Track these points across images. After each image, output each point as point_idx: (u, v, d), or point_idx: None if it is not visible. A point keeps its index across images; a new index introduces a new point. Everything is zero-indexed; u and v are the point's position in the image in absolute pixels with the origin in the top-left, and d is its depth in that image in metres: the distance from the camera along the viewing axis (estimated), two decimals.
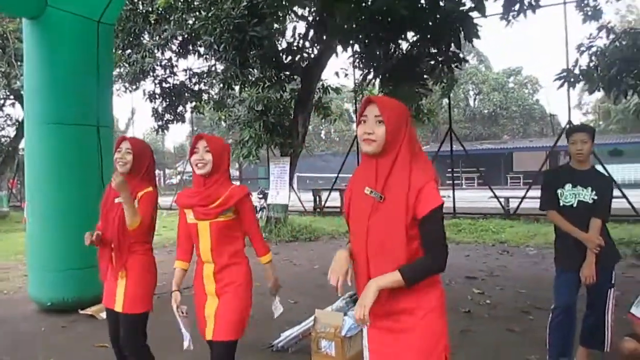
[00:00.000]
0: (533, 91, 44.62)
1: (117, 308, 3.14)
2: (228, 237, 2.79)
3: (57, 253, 5.85)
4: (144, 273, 3.19)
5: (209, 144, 2.77)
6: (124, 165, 3.14)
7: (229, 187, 2.80)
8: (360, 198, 2.07)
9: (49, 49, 5.87)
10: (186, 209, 2.86)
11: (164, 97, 13.75)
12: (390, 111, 2.02)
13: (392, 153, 2.01)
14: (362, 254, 2.05)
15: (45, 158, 5.90)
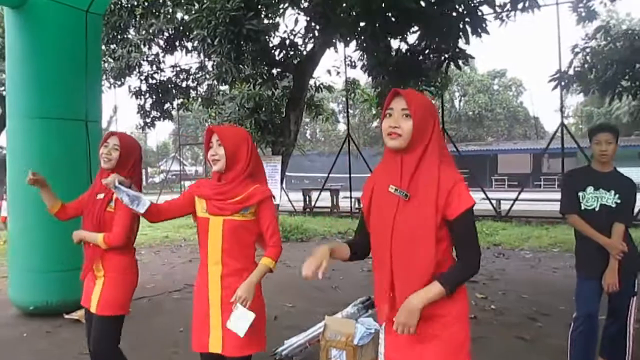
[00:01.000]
0: (517, 93, 44.90)
1: (92, 309, 2.98)
2: (241, 238, 2.52)
3: (40, 254, 5.54)
4: (122, 274, 3.02)
5: (220, 138, 2.52)
6: (108, 161, 2.98)
7: (251, 185, 2.53)
8: (383, 196, 1.94)
9: (34, 39, 5.54)
10: (199, 197, 2.58)
11: (150, 94, 13.37)
12: (418, 104, 1.89)
13: (419, 149, 1.88)
14: (384, 254, 1.91)
15: (28, 154, 5.57)
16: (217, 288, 2.51)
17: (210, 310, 2.53)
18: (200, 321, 2.57)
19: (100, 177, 3.01)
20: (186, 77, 13.65)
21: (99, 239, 2.91)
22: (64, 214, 3.18)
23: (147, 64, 12.87)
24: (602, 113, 36.52)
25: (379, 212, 1.96)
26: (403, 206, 1.88)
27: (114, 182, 2.50)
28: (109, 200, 2.93)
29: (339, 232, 12.77)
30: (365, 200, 2.05)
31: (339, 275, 7.67)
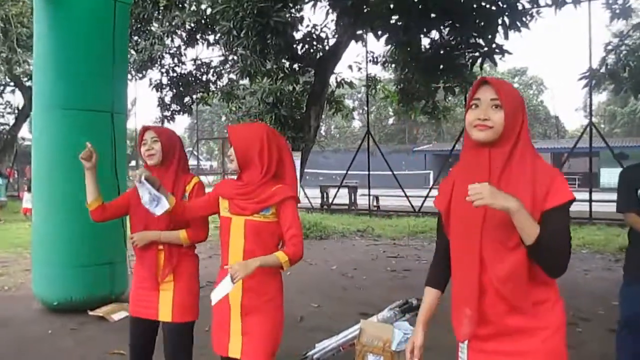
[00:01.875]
0: (538, 92, 44.36)
1: (164, 318, 2.78)
2: (263, 240, 2.38)
3: (65, 248, 5.43)
4: (192, 277, 2.86)
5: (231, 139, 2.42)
6: (153, 156, 2.77)
7: (273, 184, 2.39)
8: (466, 192, 1.71)
9: (62, 28, 5.45)
10: (222, 197, 2.48)
11: (171, 87, 13.31)
12: (509, 94, 1.71)
13: (509, 142, 1.70)
14: (471, 260, 1.73)
15: (54, 146, 5.47)
16: (238, 291, 2.37)
17: (231, 313, 2.43)
18: (221, 324, 2.47)
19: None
20: (207, 70, 13.58)
21: (181, 236, 2.75)
22: (102, 213, 2.90)
23: (169, 57, 12.79)
24: (625, 112, 35.91)
25: (463, 214, 1.78)
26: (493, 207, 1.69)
27: (140, 177, 2.38)
28: (182, 196, 2.76)
29: (358, 230, 12.62)
30: (443, 203, 1.87)
31: (362, 275, 7.52)
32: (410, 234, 11.81)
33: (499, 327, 1.72)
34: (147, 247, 2.81)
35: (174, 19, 11.16)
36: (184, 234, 2.75)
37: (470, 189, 1.61)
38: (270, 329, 2.41)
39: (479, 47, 5.36)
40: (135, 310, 2.89)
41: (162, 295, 2.79)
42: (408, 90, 11.40)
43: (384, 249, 9.78)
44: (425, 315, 1.95)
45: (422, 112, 12.39)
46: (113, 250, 5.74)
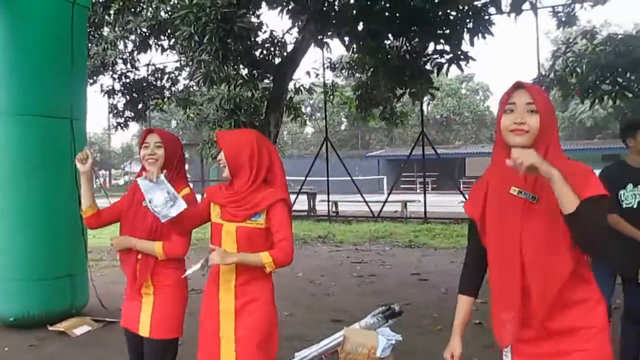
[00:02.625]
0: (485, 98, 45.69)
1: (142, 332, 2.64)
2: (256, 245, 2.32)
3: (20, 261, 5.17)
4: (176, 291, 2.69)
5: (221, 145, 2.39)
6: (155, 162, 2.64)
7: (266, 189, 2.36)
8: (503, 201, 1.75)
9: (16, 30, 5.20)
10: (214, 204, 2.42)
11: (124, 93, 12.93)
12: (543, 99, 1.75)
13: (543, 145, 1.71)
14: (512, 266, 1.72)
15: (8, 153, 5.21)
16: (231, 297, 2.33)
17: (220, 319, 2.35)
18: (210, 334, 2.38)
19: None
20: (161, 76, 13.27)
21: (156, 248, 2.59)
22: (98, 220, 2.76)
23: (121, 62, 12.43)
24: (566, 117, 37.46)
25: (500, 220, 1.77)
26: (530, 210, 1.71)
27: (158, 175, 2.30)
28: None
29: (319, 236, 12.58)
30: (477, 209, 1.84)
31: (329, 281, 7.49)
32: (371, 239, 11.87)
33: (543, 329, 1.72)
34: (128, 254, 2.69)
35: (128, 23, 10.85)
36: (159, 248, 2.60)
37: (514, 152, 1.61)
38: (265, 330, 2.35)
39: (444, 53, 5.45)
40: (122, 321, 2.78)
41: (143, 308, 2.66)
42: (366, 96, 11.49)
43: (347, 254, 9.79)
44: (461, 324, 1.95)
45: (380, 117, 12.51)
46: (73, 262, 5.50)
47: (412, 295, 6.52)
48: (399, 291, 6.79)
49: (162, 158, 2.65)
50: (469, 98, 44.58)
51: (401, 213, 14.98)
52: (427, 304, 6.01)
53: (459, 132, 44.33)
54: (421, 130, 13.82)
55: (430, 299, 6.32)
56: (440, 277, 7.62)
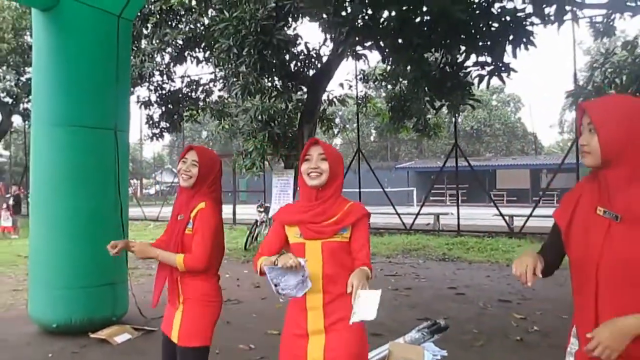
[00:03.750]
0: (516, 109, 45.12)
1: (173, 338, 2.71)
2: (342, 262, 2.28)
3: (65, 269, 5.25)
4: (204, 301, 2.72)
5: (324, 151, 2.32)
6: (188, 179, 2.72)
7: (345, 202, 2.34)
8: (588, 219, 1.72)
9: (64, 44, 5.32)
10: (289, 226, 2.36)
11: (160, 104, 13.16)
12: (604, 117, 1.67)
13: (624, 164, 1.65)
14: (589, 285, 1.69)
15: (54, 164, 5.32)
16: (319, 317, 2.26)
17: (309, 339, 2.28)
18: (296, 356, 2.31)
19: (178, 196, 2.82)
20: (196, 87, 13.48)
21: (177, 260, 2.63)
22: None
23: (158, 74, 12.67)
24: None
25: (583, 236, 1.73)
26: (614, 229, 1.66)
27: (301, 264, 2.13)
28: (187, 222, 2.69)
29: None
30: (564, 218, 1.81)
31: None
32: (404, 252, 11.77)
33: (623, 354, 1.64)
34: (165, 266, 2.75)
35: (165, 36, 11.06)
36: (180, 260, 2.62)
37: (589, 344, 1.60)
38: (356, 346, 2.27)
39: (485, 65, 5.40)
40: (162, 325, 2.84)
41: (176, 316, 2.73)
42: (399, 107, 11.47)
43: (381, 267, 9.71)
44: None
45: (413, 129, 12.47)
46: (115, 270, 5.58)
47: (449, 309, 6.43)
48: (435, 305, 6.70)
49: (194, 177, 2.72)
50: (500, 109, 44.08)
51: (433, 226, 14.83)
52: (466, 319, 5.92)
53: (490, 144, 43.82)
54: (454, 142, 13.68)
55: (469, 314, 6.21)
56: (477, 292, 7.50)
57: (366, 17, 5.16)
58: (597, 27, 9.39)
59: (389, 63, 6.79)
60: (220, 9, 7.15)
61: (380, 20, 5.25)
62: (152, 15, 11.11)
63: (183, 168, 2.73)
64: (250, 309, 6.48)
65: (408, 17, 4.91)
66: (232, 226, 17.28)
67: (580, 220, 1.75)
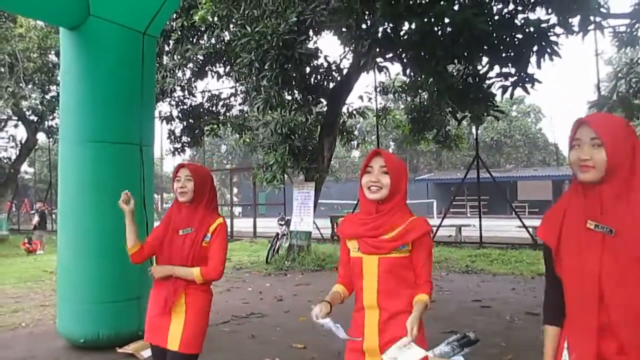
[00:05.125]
0: (536, 120, 44.70)
1: (171, 346, 2.81)
2: (400, 277, 2.21)
3: (93, 284, 5.28)
4: (204, 311, 2.92)
5: (386, 163, 2.25)
6: (185, 194, 2.85)
7: (407, 216, 2.25)
8: (580, 234, 1.71)
9: (91, 61, 5.41)
10: (349, 240, 2.31)
11: (181, 119, 13.32)
12: (610, 132, 1.68)
13: (617, 178, 1.67)
14: (591, 298, 1.68)
15: (81, 180, 5.38)
16: (374, 334, 2.21)
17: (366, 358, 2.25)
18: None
19: (177, 212, 2.92)
20: (216, 102, 13.62)
21: (195, 273, 2.80)
22: (141, 255, 2.95)
23: (179, 89, 12.84)
24: None
25: (577, 254, 1.72)
26: (609, 244, 1.65)
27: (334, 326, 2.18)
28: (204, 235, 2.83)
29: None
30: (552, 237, 1.79)
31: None
32: None
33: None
34: (168, 279, 2.88)
35: (187, 51, 11.22)
36: (198, 272, 2.80)
37: None
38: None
39: (509, 76, 5.38)
40: (148, 337, 2.94)
41: (173, 323, 2.84)
42: (419, 119, 11.45)
43: None
44: (552, 356, 1.84)
45: (434, 140, 12.42)
46: (140, 284, 5.59)
47: (476, 322, 6.34)
48: (461, 318, 6.62)
49: (191, 191, 2.84)
50: (520, 120, 43.71)
51: (455, 237, 14.70)
52: (493, 332, 5.83)
53: (510, 155, 43.42)
54: (476, 153, 13.58)
55: (496, 327, 6.12)
56: (502, 304, 7.40)
57: (387, 30, 5.19)
58: (621, 37, 9.30)
59: (410, 75, 6.80)
60: (242, 24, 7.25)
61: (402, 32, 5.28)
62: (174, 32, 11.30)
63: (179, 186, 2.86)
64: (274, 322, 6.46)
65: (430, 29, 4.91)
66: (252, 239, 17.31)
67: (571, 237, 1.75)
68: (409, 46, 5.02)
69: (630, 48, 9.56)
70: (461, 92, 5.51)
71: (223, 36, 10.59)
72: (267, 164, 11.14)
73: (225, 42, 10.77)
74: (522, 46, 5.09)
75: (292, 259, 11.41)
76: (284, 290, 8.76)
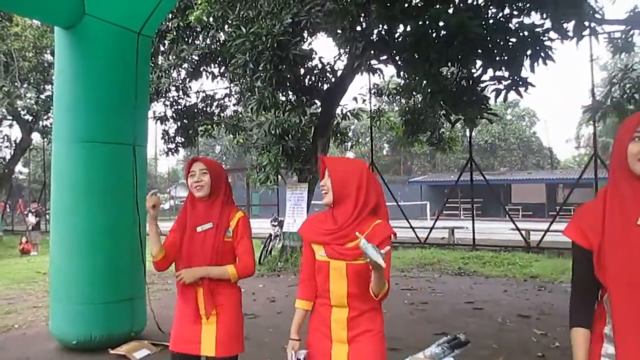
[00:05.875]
0: (531, 124, 44.88)
1: (207, 352, 2.68)
2: (368, 280, 2.21)
3: (86, 285, 5.27)
4: (237, 309, 2.80)
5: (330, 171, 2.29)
6: (202, 188, 2.74)
7: (372, 222, 2.27)
8: (628, 233, 1.64)
9: (86, 61, 5.40)
10: (315, 245, 2.34)
11: (175, 119, 13.30)
12: None
13: None
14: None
15: (74, 180, 5.36)
16: (342, 328, 2.26)
17: (333, 345, 2.29)
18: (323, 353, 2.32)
19: (192, 209, 2.80)
20: (211, 102, 13.61)
21: (230, 272, 2.70)
22: (167, 261, 2.79)
23: (174, 89, 12.82)
24: None
25: (626, 255, 1.64)
26: None
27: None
28: (226, 230, 2.73)
29: None
30: (593, 238, 1.71)
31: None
32: (419, 266, 11.70)
33: None
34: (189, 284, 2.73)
35: (182, 52, 11.21)
36: (233, 270, 2.70)
37: None
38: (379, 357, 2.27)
39: (503, 80, 5.40)
40: (176, 346, 2.78)
41: (204, 329, 2.71)
42: (413, 121, 11.47)
43: (396, 281, 9.64)
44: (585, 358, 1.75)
45: (428, 143, 12.45)
46: (133, 285, 5.61)
47: (467, 324, 6.36)
48: (453, 320, 6.64)
49: (208, 185, 2.74)
50: (515, 124, 43.87)
51: (448, 239, 14.73)
52: (485, 334, 5.85)
53: (504, 158, 43.56)
54: (469, 156, 13.61)
55: (488, 329, 6.15)
56: (494, 307, 7.42)
57: (382, 32, 5.21)
58: (616, 43, 9.34)
59: (404, 77, 6.82)
60: (237, 25, 7.25)
61: (396, 35, 5.30)
62: (169, 32, 11.28)
63: (194, 180, 2.74)
64: (267, 323, 6.46)
65: (424, 31, 4.93)
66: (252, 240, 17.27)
67: (618, 237, 1.66)
68: (403, 48, 5.04)
69: (625, 54, 9.60)
70: (455, 95, 5.54)
71: (218, 37, 10.59)
72: (261, 165, 11.13)
73: (220, 42, 10.77)
74: (515, 50, 5.11)
75: (285, 259, 11.41)
76: (277, 291, 8.76)
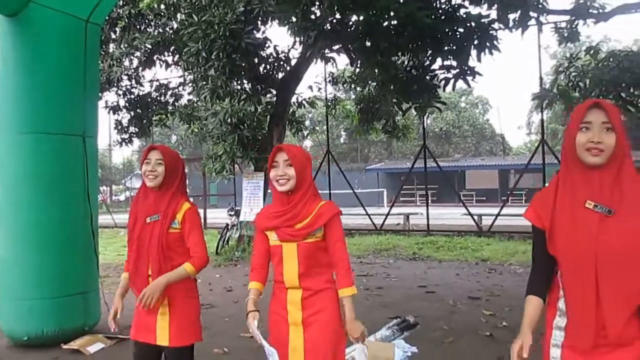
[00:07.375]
0: (484, 111, 45.92)
1: (161, 342, 2.70)
2: (318, 259, 2.42)
3: (35, 279, 5.15)
4: (188, 297, 2.80)
5: (290, 157, 2.40)
6: (154, 178, 2.72)
7: (317, 202, 2.43)
8: (576, 214, 1.79)
9: (31, 49, 5.24)
10: (268, 231, 2.47)
11: (129, 109, 13.01)
12: (618, 117, 1.80)
13: (617, 162, 1.78)
14: (586, 280, 1.76)
15: (20, 172, 5.22)
16: (298, 310, 2.42)
17: (290, 328, 2.44)
18: (280, 345, 2.45)
19: (144, 198, 2.79)
20: (165, 91, 13.37)
21: (188, 270, 2.69)
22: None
23: (126, 78, 12.53)
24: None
25: (573, 233, 1.79)
26: (606, 224, 1.75)
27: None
28: (171, 221, 2.71)
29: None
30: (545, 219, 1.87)
31: None
32: (375, 252, 11.90)
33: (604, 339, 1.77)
34: (138, 274, 2.76)
35: (134, 40, 10.96)
36: (191, 267, 2.70)
37: None
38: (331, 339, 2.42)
39: (451, 69, 5.54)
40: (136, 335, 2.81)
41: (159, 319, 2.73)
42: (368, 109, 11.59)
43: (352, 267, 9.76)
44: (530, 322, 1.91)
45: (382, 130, 12.60)
46: (85, 279, 5.53)
47: (420, 307, 6.54)
48: (406, 304, 6.82)
49: (161, 175, 2.72)
50: (469, 111, 44.79)
51: (403, 226, 15.00)
52: (436, 316, 6.04)
53: (459, 145, 44.48)
54: (423, 143, 13.87)
55: (439, 312, 6.34)
56: (447, 290, 7.65)
57: (334, 21, 5.25)
58: (562, 33, 9.66)
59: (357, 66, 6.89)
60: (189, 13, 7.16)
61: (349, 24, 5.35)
62: (120, 20, 11.00)
63: (148, 169, 2.72)
64: (223, 313, 6.48)
65: (375, 21, 5.00)
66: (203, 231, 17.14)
67: (566, 217, 1.82)
68: (354, 38, 5.11)
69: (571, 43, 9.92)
70: (405, 84, 5.65)
71: (171, 25, 10.41)
72: (216, 154, 11.05)
73: (173, 30, 10.58)
74: (463, 40, 5.26)
75: (242, 249, 11.40)
76: (234, 281, 8.77)
